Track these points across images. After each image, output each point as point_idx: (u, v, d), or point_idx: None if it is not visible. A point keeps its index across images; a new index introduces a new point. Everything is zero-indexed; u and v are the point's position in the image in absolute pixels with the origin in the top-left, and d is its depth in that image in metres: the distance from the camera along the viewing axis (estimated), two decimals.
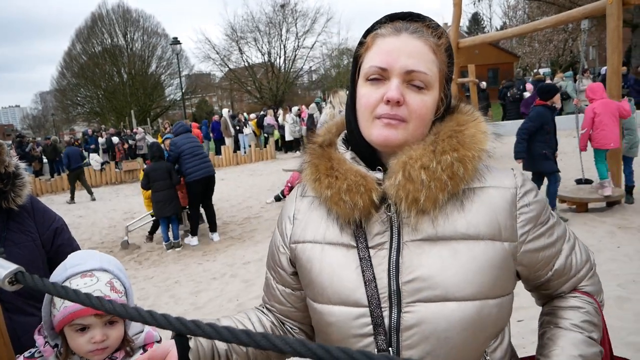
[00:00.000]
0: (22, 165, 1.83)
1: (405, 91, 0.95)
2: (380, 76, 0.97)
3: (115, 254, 7.67)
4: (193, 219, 7.56)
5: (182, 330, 0.73)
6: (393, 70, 0.95)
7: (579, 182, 7.33)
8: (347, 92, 1.07)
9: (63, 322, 1.27)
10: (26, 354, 1.36)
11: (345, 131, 1.11)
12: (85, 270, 1.29)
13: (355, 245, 1.00)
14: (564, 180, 7.81)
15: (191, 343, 1.06)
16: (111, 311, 0.78)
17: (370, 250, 0.99)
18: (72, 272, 1.29)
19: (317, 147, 1.09)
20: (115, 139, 19.07)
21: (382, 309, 0.96)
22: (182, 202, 7.62)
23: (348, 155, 1.05)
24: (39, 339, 1.34)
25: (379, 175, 1.00)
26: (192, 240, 7.54)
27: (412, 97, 0.95)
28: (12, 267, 0.88)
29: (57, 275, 1.32)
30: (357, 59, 1.03)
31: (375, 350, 0.95)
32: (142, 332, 1.41)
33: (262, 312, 1.23)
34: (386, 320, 0.96)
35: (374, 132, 0.97)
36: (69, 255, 1.38)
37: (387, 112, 0.95)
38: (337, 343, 1.00)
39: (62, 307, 1.26)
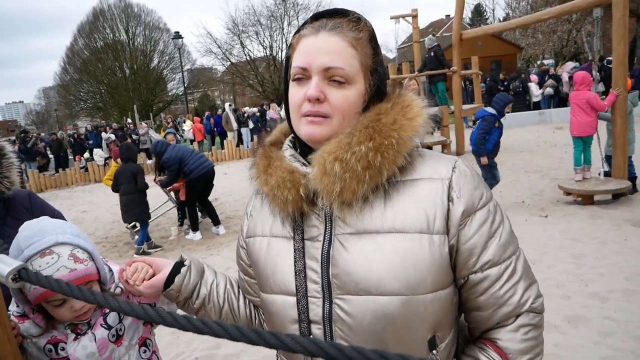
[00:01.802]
0: (9, 147, 1.78)
1: (326, 88, 0.97)
2: (303, 76, 0.99)
3: (120, 248, 7.69)
4: (193, 215, 7.55)
5: (188, 328, 0.72)
6: (312, 69, 0.98)
7: None
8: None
9: (38, 299, 1.28)
10: (15, 313, 1.36)
11: None
12: (43, 249, 1.25)
13: (293, 237, 1.05)
14: (568, 172, 7.77)
15: (183, 269, 1.23)
16: (117, 309, 0.77)
17: (306, 242, 1.02)
18: (30, 253, 1.24)
19: (261, 146, 1.14)
20: (112, 137, 19.00)
21: (313, 300, 1.00)
22: (182, 197, 7.63)
23: (287, 152, 1.08)
24: (26, 308, 1.34)
25: (308, 170, 1.01)
26: (194, 236, 7.54)
27: (333, 93, 0.97)
28: (15, 263, 0.87)
29: (13, 255, 1.27)
30: (288, 60, 1.06)
31: None
32: (112, 272, 1.46)
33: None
34: (319, 311, 0.99)
35: (301, 129, 1.01)
36: (20, 229, 1.33)
37: (310, 110, 0.98)
38: (276, 330, 1.05)
39: (32, 288, 1.24)
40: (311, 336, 1.00)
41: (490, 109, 6.55)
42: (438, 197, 0.97)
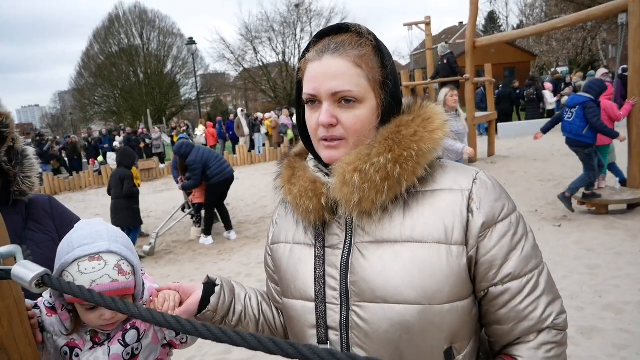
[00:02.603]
0: (31, 150, 1.80)
1: (337, 111, 0.99)
2: (315, 101, 1.02)
3: None
4: (209, 219, 7.60)
5: (208, 336, 0.74)
6: (320, 95, 1.00)
7: None
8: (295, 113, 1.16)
9: (72, 299, 1.28)
10: (46, 303, 1.35)
11: None
12: (92, 253, 1.27)
13: (315, 244, 1.07)
14: None
15: (216, 289, 1.23)
16: (137, 316, 0.78)
17: (327, 249, 1.05)
18: (80, 254, 1.26)
19: (287, 157, 1.18)
20: (118, 144, 19.21)
21: (331, 306, 1.02)
22: (199, 200, 7.68)
23: (311, 163, 1.11)
24: (56, 303, 1.34)
25: (329, 180, 1.04)
26: (206, 240, 7.59)
27: (344, 115, 0.99)
28: (38, 269, 0.89)
29: (64, 252, 1.29)
30: (299, 83, 1.07)
31: (317, 342, 1.01)
32: (144, 287, 1.45)
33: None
34: (337, 317, 1.01)
35: (321, 153, 1.04)
36: (75, 227, 1.34)
37: (325, 135, 1.01)
38: (296, 335, 1.09)
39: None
40: (328, 342, 1.01)
41: (585, 94, 6.14)
42: (457, 208, 0.97)
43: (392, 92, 1.02)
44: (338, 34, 1.02)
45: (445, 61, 11.98)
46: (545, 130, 6.72)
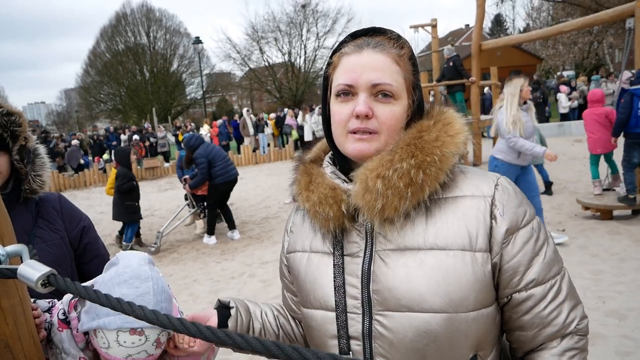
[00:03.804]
0: (42, 148, 1.80)
1: (373, 104, 0.99)
2: (349, 92, 1.00)
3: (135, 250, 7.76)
4: (212, 219, 7.62)
5: (212, 339, 0.74)
6: (359, 85, 0.99)
7: None
8: (320, 109, 1.14)
9: (98, 350, 1.19)
10: (61, 315, 1.28)
11: None
12: (136, 327, 1.16)
13: (333, 253, 1.05)
14: (587, 185, 7.65)
15: (232, 311, 1.20)
16: (142, 318, 0.78)
17: (346, 257, 1.03)
18: (122, 325, 1.15)
19: (302, 164, 1.16)
20: (137, 137, 19.38)
21: (352, 315, 1.00)
22: (203, 192, 7.71)
23: (328, 169, 1.09)
24: (74, 320, 1.25)
25: (349, 186, 1.02)
26: (209, 240, 7.61)
27: (380, 109, 0.99)
28: (44, 269, 0.89)
29: (104, 310, 1.15)
30: (327, 78, 1.07)
31: (338, 353, 1.00)
32: None
33: (289, 319, 1.30)
34: (359, 327, 0.99)
35: (349, 146, 1.01)
36: (120, 270, 1.22)
37: (358, 127, 0.99)
38: (316, 346, 1.07)
39: (105, 351, 1.17)
40: (350, 352, 1.00)
41: None
42: (480, 214, 0.97)
43: (419, 96, 1.04)
44: (373, 35, 1.03)
45: (451, 64, 11.95)
46: (618, 134, 6.34)
